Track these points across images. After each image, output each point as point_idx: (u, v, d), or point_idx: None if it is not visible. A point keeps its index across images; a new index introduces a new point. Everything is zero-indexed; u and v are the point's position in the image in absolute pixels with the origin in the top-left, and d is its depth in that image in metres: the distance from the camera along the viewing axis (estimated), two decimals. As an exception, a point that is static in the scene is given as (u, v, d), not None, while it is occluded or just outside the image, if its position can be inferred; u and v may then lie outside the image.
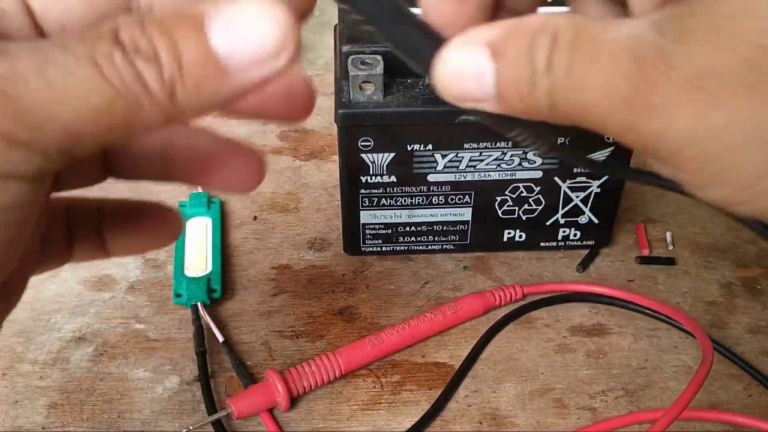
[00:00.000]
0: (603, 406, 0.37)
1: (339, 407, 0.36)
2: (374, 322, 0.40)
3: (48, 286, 0.42)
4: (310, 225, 0.46)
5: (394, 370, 0.38)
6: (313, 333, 0.40)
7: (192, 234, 0.44)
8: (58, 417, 0.36)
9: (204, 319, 0.39)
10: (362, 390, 0.37)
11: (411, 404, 0.37)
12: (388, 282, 0.43)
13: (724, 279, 0.43)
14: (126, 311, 0.41)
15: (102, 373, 0.38)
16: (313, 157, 0.52)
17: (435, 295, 0.42)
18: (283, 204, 0.48)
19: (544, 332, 0.40)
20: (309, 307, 0.41)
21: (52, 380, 0.37)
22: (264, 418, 0.35)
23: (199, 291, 0.40)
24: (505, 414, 0.36)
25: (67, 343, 0.39)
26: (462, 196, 0.41)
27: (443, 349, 0.39)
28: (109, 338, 0.39)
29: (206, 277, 0.41)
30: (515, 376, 0.38)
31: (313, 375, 0.36)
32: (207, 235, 0.44)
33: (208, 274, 0.41)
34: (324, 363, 0.37)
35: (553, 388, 0.38)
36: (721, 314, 0.41)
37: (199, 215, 0.45)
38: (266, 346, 0.39)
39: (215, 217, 0.45)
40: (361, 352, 0.38)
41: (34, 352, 0.39)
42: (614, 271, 0.43)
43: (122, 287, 0.42)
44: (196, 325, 0.39)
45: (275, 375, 0.35)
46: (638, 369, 0.38)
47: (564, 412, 0.36)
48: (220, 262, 0.42)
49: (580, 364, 0.38)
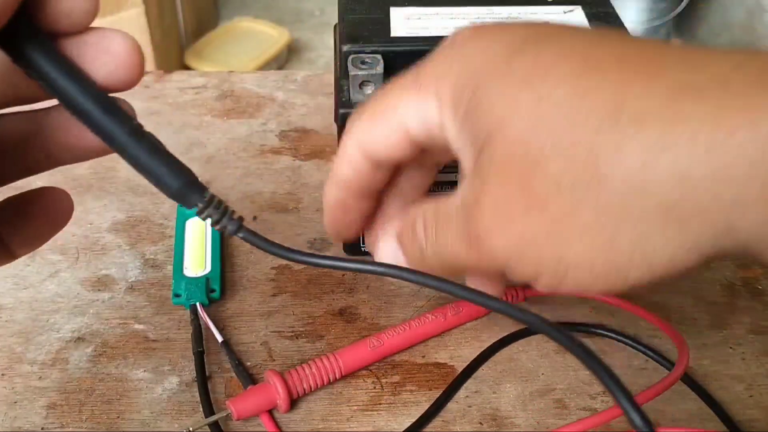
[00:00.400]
0: (604, 406, 0.37)
1: (339, 408, 0.36)
2: (374, 322, 0.40)
3: (47, 287, 0.42)
4: (310, 225, 0.46)
5: (394, 370, 0.38)
6: (313, 333, 0.40)
7: (191, 234, 0.44)
8: (57, 417, 0.36)
9: (203, 319, 0.39)
10: (362, 391, 0.37)
11: (411, 405, 0.37)
12: (388, 282, 0.42)
13: (726, 279, 0.43)
14: (125, 312, 0.41)
15: (101, 374, 0.38)
16: (313, 157, 0.51)
17: (435, 295, 0.42)
18: (283, 204, 0.48)
19: (545, 333, 0.40)
20: (309, 308, 0.41)
21: (51, 381, 0.37)
22: (263, 418, 0.35)
23: (197, 291, 0.40)
24: (505, 414, 0.36)
25: (66, 344, 0.39)
26: (462, 196, 0.41)
27: (443, 349, 0.39)
28: (109, 339, 0.39)
29: (205, 277, 0.41)
30: (516, 377, 0.38)
31: (313, 377, 0.36)
32: (206, 235, 0.44)
33: (207, 274, 0.41)
34: (324, 364, 0.36)
35: (554, 388, 0.37)
36: (723, 314, 0.41)
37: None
38: (266, 347, 0.39)
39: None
40: (362, 353, 0.37)
41: (33, 352, 0.39)
42: (615, 271, 0.43)
43: (121, 287, 0.42)
44: (195, 326, 0.38)
45: (275, 376, 0.35)
46: (639, 369, 0.38)
47: (564, 412, 0.36)
48: (219, 262, 0.42)
49: (580, 365, 0.38)
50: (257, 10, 2.12)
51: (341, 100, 0.38)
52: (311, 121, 0.55)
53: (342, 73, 0.38)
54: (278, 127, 0.54)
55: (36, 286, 0.42)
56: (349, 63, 0.37)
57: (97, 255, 0.44)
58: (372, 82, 0.37)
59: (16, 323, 0.40)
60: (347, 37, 0.38)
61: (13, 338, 0.39)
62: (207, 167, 0.50)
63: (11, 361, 0.38)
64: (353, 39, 0.38)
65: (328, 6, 2.18)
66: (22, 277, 0.43)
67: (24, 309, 0.41)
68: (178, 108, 0.56)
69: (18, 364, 0.38)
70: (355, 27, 0.39)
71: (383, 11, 0.41)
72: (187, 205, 0.25)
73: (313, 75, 0.61)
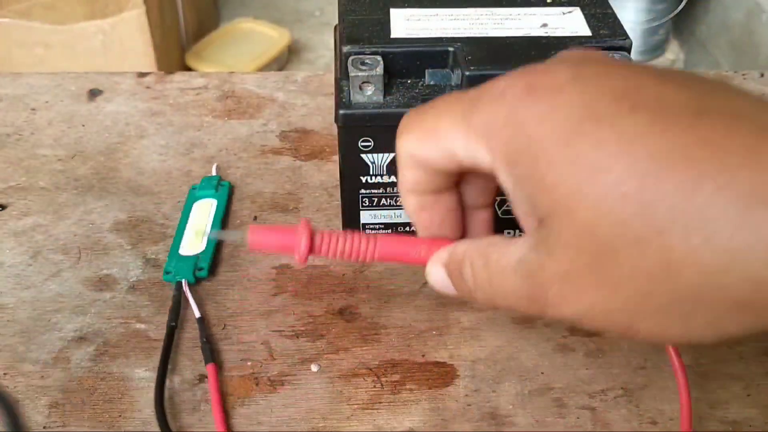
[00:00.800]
0: (603, 405, 0.37)
1: (339, 406, 0.37)
2: (374, 322, 0.41)
3: (49, 286, 0.42)
4: (310, 225, 0.46)
5: (394, 369, 0.38)
6: (313, 333, 0.40)
7: (196, 215, 0.45)
8: (59, 416, 0.36)
9: (186, 295, 0.40)
10: (362, 389, 0.37)
11: (411, 403, 0.37)
12: (388, 282, 0.43)
13: (724, 279, 0.43)
14: (127, 311, 0.41)
15: (103, 373, 0.38)
16: (313, 157, 0.52)
17: (435, 294, 0.42)
18: (283, 204, 0.48)
19: (544, 332, 0.40)
20: (309, 307, 0.41)
21: (53, 380, 0.37)
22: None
23: (185, 269, 0.41)
24: (504, 413, 0.36)
25: (68, 343, 0.39)
26: (462, 196, 0.41)
27: (443, 348, 0.39)
28: (110, 338, 0.39)
29: (196, 256, 0.42)
30: (515, 376, 0.38)
31: (342, 243, 0.32)
32: (210, 216, 0.45)
33: (199, 254, 0.43)
34: (357, 237, 0.32)
35: (553, 387, 0.38)
36: (721, 314, 0.41)
37: (207, 197, 0.46)
38: (266, 346, 0.39)
39: (221, 199, 0.46)
40: (401, 248, 0.32)
41: (35, 351, 0.39)
42: (614, 270, 0.43)
43: (123, 287, 0.42)
44: (174, 301, 0.40)
45: (306, 224, 0.32)
46: (638, 368, 0.38)
47: (564, 411, 0.37)
48: (215, 243, 0.44)
49: (579, 364, 0.39)
50: (257, 11, 2.12)
51: (341, 100, 0.38)
52: (311, 122, 0.55)
53: (342, 74, 0.38)
54: (279, 127, 0.55)
55: (38, 286, 0.42)
56: (350, 64, 0.37)
57: (99, 255, 0.44)
58: (372, 83, 0.37)
59: (18, 323, 0.40)
60: (347, 38, 0.38)
61: (15, 338, 0.39)
62: (208, 167, 0.50)
63: (13, 361, 0.38)
64: (353, 40, 0.38)
65: (328, 6, 2.19)
66: (24, 277, 0.43)
67: (26, 308, 0.41)
68: (179, 109, 0.56)
69: (20, 364, 0.38)
70: (356, 28, 0.39)
71: (383, 12, 0.41)
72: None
73: (313, 75, 0.61)
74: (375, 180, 0.40)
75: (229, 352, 0.39)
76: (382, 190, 0.41)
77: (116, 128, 0.53)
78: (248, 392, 0.37)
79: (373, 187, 0.41)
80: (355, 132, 0.38)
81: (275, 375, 0.38)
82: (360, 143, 0.39)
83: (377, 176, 0.40)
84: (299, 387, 0.37)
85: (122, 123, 0.54)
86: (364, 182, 0.40)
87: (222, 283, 0.42)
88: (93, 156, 0.51)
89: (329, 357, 0.39)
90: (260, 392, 0.37)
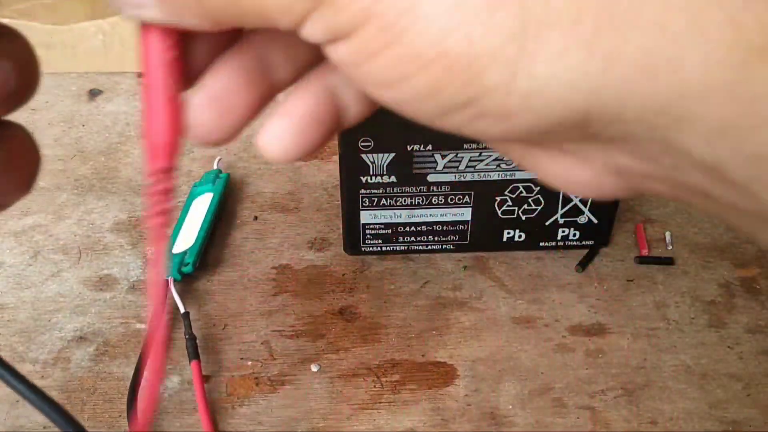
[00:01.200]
0: (602, 405, 0.37)
1: (339, 406, 0.37)
2: (374, 321, 0.41)
3: (49, 286, 0.42)
4: (310, 225, 0.46)
5: (394, 369, 0.38)
6: (313, 333, 0.40)
7: (192, 213, 0.45)
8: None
9: (170, 293, 0.40)
10: (362, 389, 0.37)
11: (411, 403, 0.37)
12: (388, 282, 0.43)
13: (723, 279, 0.43)
14: (127, 311, 0.41)
15: (103, 373, 0.38)
16: (313, 157, 0.52)
17: (435, 294, 0.42)
18: (283, 204, 0.48)
19: (544, 332, 0.40)
20: (309, 307, 0.41)
21: (54, 380, 0.37)
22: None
23: (172, 266, 0.41)
24: (504, 413, 0.36)
25: (68, 343, 0.39)
26: (462, 196, 0.41)
27: (443, 348, 0.39)
28: (110, 338, 0.39)
29: (182, 253, 0.42)
30: (515, 376, 0.38)
31: None
32: (205, 215, 0.45)
33: (187, 249, 0.42)
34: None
35: (553, 387, 0.38)
36: (720, 314, 0.41)
37: (205, 192, 0.46)
38: (267, 346, 0.39)
39: (217, 191, 0.46)
40: None
41: (35, 351, 0.39)
42: (613, 270, 0.44)
43: (123, 287, 0.42)
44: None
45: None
46: (637, 368, 0.39)
47: (563, 411, 0.37)
48: (204, 235, 0.43)
49: (579, 364, 0.39)
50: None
51: (341, 100, 0.38)
52: (312, 122, 0.55)
53: (342, 74, 0.38)
54: (279, 127, 0.55)
55: (38, 286, 0.42)
56: (349, 64, 0.37)
57: (99, 255, 0.44)
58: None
59: (18, 322, 0.40)
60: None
61: (15, 337, 0.39)
62: (208, 167, 0.50)
63: (13, 361, 0.38)
64: (353, 40, 0.38)
65: (329, 6, 2.18)
66: (24, 277, 0.43)
67: (26, 308, 0.41)
68: (179, 108, 0.56)
69: (20, 364, 0.38)
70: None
71: (383, 12, 0.41)
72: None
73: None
74: (375, 180, 0.40)
75: (230, 352, 0.39)
76: (382, 190, 0.41)
77: (116, 128, 0.53)
78: (248, 392, 0.37)
79: (373, 187, 0.41)
80: (355, 132, 0.38)
81: (275, 375, 0.38)
82: (360, 143, 0.39)
83: (377, 176, 0.40)
84: (299, 387, 0.37)
85: (122, 123, 0.54)
86: (364, 182, 0.40)
87: (222, 283, 0.42)
88: (93, 156, 0.51)
89: (329, 357, 0.39)
90: (260, 392, 0.37)
